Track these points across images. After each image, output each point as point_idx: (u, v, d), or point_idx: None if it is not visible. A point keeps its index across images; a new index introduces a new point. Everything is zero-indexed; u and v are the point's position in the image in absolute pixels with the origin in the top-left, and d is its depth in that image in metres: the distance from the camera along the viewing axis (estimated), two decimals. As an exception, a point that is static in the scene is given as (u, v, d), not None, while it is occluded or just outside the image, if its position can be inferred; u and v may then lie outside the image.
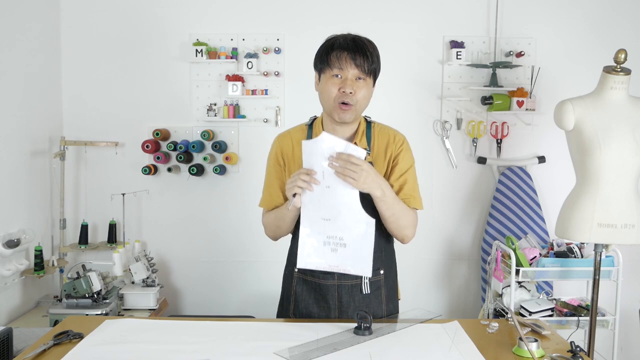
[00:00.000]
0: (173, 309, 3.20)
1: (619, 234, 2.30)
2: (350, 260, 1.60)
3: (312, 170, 1.55)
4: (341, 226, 1.59)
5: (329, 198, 1.56)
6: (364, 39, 1.66)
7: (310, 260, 1.63)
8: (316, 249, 1.62)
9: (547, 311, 2.65)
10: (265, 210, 1.86)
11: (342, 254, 1.60)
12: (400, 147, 1.74)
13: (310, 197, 1.58)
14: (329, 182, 1.55)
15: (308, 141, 1.57)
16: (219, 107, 3.09)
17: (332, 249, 1.61)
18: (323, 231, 1.60)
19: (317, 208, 1.59)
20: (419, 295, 3.19)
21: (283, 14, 3.09)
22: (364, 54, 1.61)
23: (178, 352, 1.46)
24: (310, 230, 1.62)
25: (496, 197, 3.08)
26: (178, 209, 3.17)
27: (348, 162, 1.50)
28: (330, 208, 1.58)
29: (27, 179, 2.80)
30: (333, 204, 1.57)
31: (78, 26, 3.08)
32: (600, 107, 2.31)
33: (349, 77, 1.62)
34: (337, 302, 1.74)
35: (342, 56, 1.61)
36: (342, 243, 1.59)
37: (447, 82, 3.11)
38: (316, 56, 1.69)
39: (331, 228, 1.59)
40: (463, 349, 1.50)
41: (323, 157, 1.53)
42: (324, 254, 1.61)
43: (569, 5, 3.09)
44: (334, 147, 1.52)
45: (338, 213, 1.58)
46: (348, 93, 1.61)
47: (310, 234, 1.62)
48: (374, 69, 1.66)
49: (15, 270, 2.64)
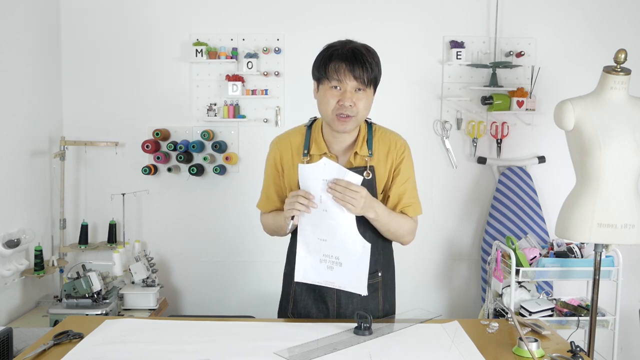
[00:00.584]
0: (173, 309, 3.20)
1: (619, 234, 2.30)
2: (346, 278, 1.62)
3: (310, 193, 1.56)
4: (337, 247, 1.60)
5: (325, 220, 1.58)
6: (362, 49, 1.61)
7: (307, 275, 1.66)
8: (313, 265, 1.64)
9: (547, 311, 2.65)
10: (262, 211, 1.86)
11: (338, 272, 1.62)
12: (402, 155, 1.73)
13: (307, 219, 1.60)
14: (326, 205, 1.56)
15: (305, 165, 1.58)
16: (219, 107, 3.09)
17: (328, 267, 1.63)
18: (319, 250, 1.62)
19: (313, 229, 1.61)
20: (419, 295, 3.19)
21: (283, 14, 3.08)
22: (362, 65, 1.57)
23: (178, 352, 1.46)
24: (307, 249, 1.64)
25: (496, 197, 3.08)
26: (178, 209, 3.17)
27: (347, 189, 1.51)
28: (327, 230, 1.59)
29: (27, 179, 2.80)
30: (329, 227, 1.59)
31: (78, 26, 3.08)
32: (600, 107, 2.31)
33: (347, 89, 1.59)
34: (336, 304, 1.75)
35: (340, 68, 1.58)
36: (339, 262, 1.61)
37: (447, 82, 3.11)
38: (314, 65, 1.65)
39: (327, 248, 1.61)
40: (463, 349, 1.50)
41: (321, 181, 1.55)
42: (320, 271, 1.64)
43: (569, 5, 3.09)
44: (332, 173, 1.54)
45: (334, 235, 1.59)
46: (347, 106, 1.59)
47: (307, 252, 1.64)
48: (374, 78, 1.62)
49: (15, 270, 2.64)
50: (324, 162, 1.56)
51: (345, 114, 1.60)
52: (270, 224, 1.80)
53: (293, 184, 1.72)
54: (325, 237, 1.60)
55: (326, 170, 1.54)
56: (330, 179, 1.54)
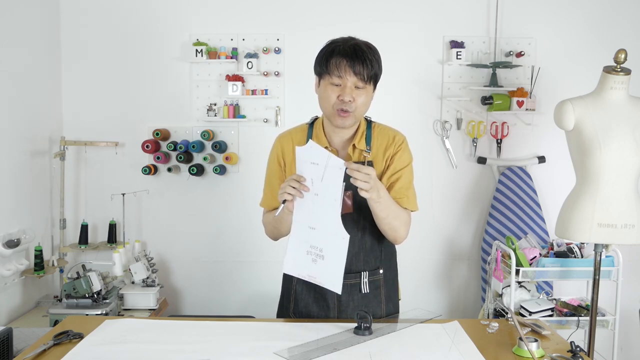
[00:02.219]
0: (173, 309, 3.20)
1: (619, 234, 2.30)
2: (325, 274, 1.61)
3: (302, 177, 1.57)
4: (322, 237, 1.60)
5: (315, 206, 1.58)
6: (363, 46, 1.63)
7: (294, 267, 1.66)
8: (300, 257, 1.64)
9: (547, 311, 2.65)
10: (265, 210, 1.86)
11: (320, 266, 1.61)
12: (398, 147, 1.74)
13: (300, 203, 1.60)
14: (317, 189, 1.56)
15: (300, 147, 1.58)
16: (219, 107, 3.09)
17: (312, 260, 1.62)
18: (307, 240, 1.62)
19: (305, 215, 1.61)
20: (419, 295, 3.19)
21: (283, 14, 3.09)
22: (363, 61, 1.60)
23: (178, 352, 1.46)
24: (297, 239, 1.64)
25: (496, 197, 3.08)
26: (178, 209, 3.17)
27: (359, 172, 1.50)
28: (316, 217, 1.59)
29: (27, 179, 2.80)
30: (318, 213, 1.58)
31: (78, 26, 3.08)
32: (600, 107, 2.31)
33: (348, 84, 1.61)
34: (336, 301, 1.75)
35: (341, 64, 1.60)
36: (321, 255, 1.61)
37: (447, 82, 3.11)
38: (316, 60, 1.68)
39: (314, 237, 1.61)
40: (463, 349, 1.50)
41: (309, 164, 1.55)
42: (305, 264, 1.64)
43: (569, 5, 3.09)
44: (319, 155, 1.54)
45: (320, 223, 1.59)
46: (347, 101, 1.61)
47: (299, 241, 1.64)
48: (374, 75, 1.64)
49: (15, 270, 2.64)
50: (310, 144, 1.57)
51: (345, 109, 1.62)
52: (271, 218, 1.79)
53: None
54: (314, 224, 1.60)
55: (312, 152, 1.55)
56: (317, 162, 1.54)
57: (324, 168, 1.54)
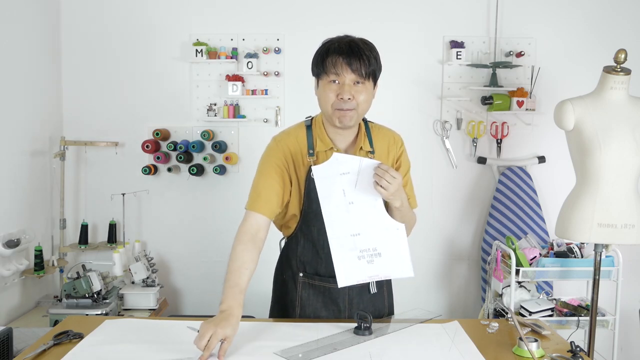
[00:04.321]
0: (173, 309, 3.20)
1: (619, 234, 2.30)
2: (389, 266, 1.61)
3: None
4: (372, 237, 1.59)
5: (353, 214, 1.57)
6: (359, 42, 1.61)
7: (349, 277, 1.61)
8: (351, 265, 1.60)
9: (547, 311, 2.65)
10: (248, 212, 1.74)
11: (378, 264, 1.60)
12: (400, 148, 1.76)
13: (334, 217, 1.58)
14: (351, 198, 1.56)
15: (319, 166, 1.57)
16: (219, 107, 3.09)
17: (368, 262, 1.60)
18: (354, 247, 1.59)
19: (343, 227, 1.59)
20: (419, 295, 3.19)
21: (283, 14, 3.08)
22: (359, 57, 1.57)
23: (178, 352, 1.46)
24: (341, 250, 1.59)
25: (496, 197, 3.07)
26: (178, 209, 3.16)
27: (387, 173, 1.51)
28: (357, 223, 1.58)
29: (27, 179, 2.80)
30: (359, 219, 1.58)
31: (78, 26, 3.08)
32: (600, 107, 2.31)
33: (346, 82, 1.58)
34: (348, 304, 1.74)
35: (337, 61, 1.57)
36: (377, 253, 1.60)
37: (447, 82, 3.11)
38: (312, 62, 1.65)
39: (362, 242, 1.59)
40: (463, 349, 1.50)
41: (339, 175, 1.55)
42: (360, 268, 1.61)
43: (569, 5, 3.09)
44: (349, 163, 1.54)
45: (366, 226, 1.58)
46: (346, 99, 1.58)
47: (343, 254, 1.60)
48: (373, 71, 1.61)
49: (15, 270, 2.64)
50: (335, 157, 1.56)
51: (345, 108, 1.59)
52: (231, 260, 1.73)
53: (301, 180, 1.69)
54: (357, 231, 1.58)
55: (340, 163, 1.55)
56: (347, 171, 1.54)
57: (356, 174, 1.54)
